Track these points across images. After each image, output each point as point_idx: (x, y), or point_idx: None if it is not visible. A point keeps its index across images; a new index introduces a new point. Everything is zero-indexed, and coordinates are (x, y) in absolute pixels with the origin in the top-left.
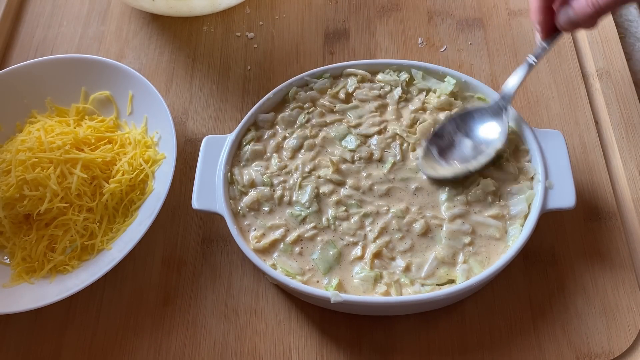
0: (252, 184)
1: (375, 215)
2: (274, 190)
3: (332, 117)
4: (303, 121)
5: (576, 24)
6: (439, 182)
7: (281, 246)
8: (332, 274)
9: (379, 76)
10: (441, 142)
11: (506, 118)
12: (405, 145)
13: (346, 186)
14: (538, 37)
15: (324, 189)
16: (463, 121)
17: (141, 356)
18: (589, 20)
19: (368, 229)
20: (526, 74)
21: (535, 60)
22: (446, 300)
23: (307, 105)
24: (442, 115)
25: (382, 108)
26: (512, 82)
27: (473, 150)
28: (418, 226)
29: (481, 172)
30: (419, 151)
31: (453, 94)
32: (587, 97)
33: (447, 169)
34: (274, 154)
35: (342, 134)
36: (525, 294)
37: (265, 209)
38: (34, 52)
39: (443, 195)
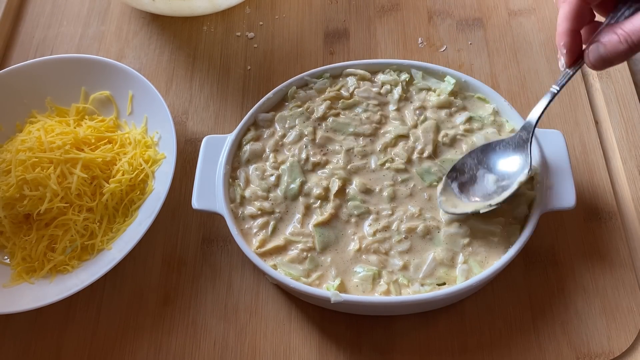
0: (255, 197)
1: (375, 215)
2: (272, 203)
3: (332, 112)
4: (302, 119)
5: (608, 62)
6: (437, 185)
7: (286, 256)
8: (328, 254)
9: (379, 76)
10: (461, 177)
11: (529, 150)
12: (407, 146)
13: (347, 184)
14: (562, 62)
15: (323, 184)
16: (484, 154)
17: (141, 356)
18: (622, 58)
19: (367, 223)
20: (549, 103)
21: (558, 89)
22: (446, 300)
23: (307, 104)
24: (443, 113)
25: (382, 106)
26: (536, 113)
27: (495, 185)
28: (417, 228)
29: None
30: (440, 186)
31: (453, 94)
32: (587, 97)
33: (468, 205)
34: (271, 154)
35: (342, 131)
36: (525, 294)
37: (271, 220)
38: (34, 52)
39: (441, 198)
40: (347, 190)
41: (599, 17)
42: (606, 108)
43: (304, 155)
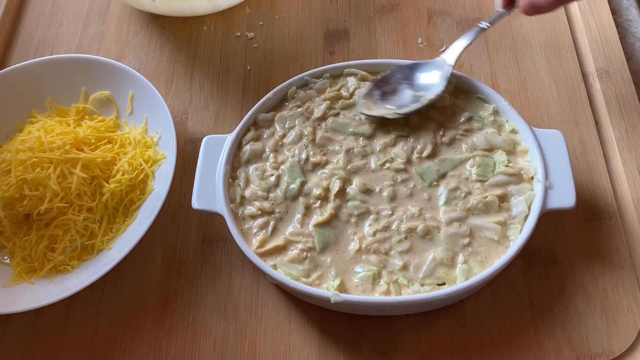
0: (255, 197)
1: (375, 215)
2: (272, 203)
3: (332, 113)
4: (302, 120)
5: (538, 9)
6: (437, 185)
7: (286, 256)
8: (327, 254)
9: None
10: (385, 87)
11: (445, 76)
12: (406, 146)
13: (347, 185)
14: (498, 2)
15: (323, 184)
16: (411, 71)
17: (141, 356)
18: (550, 8)
19: (367, 223)
20: (475, 37)
21: (489, 25)
22: (446, 300)
23: (307, 104)
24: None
25: None
26: (460, 43)
27: (411, 99)
28: (417, 228)
29: (484, 182)
30: (363, 90)
31: (454, 93)
32: (587, 97)
33: (380, 110)
34: (271, 154)
35: (341, 131)
36: (525, 294)
37: (271, 220)
38: (34, 52)
39: (442, 199)
40: (347, 191)
41: None
42: (606, 108)
43: (304, 156)
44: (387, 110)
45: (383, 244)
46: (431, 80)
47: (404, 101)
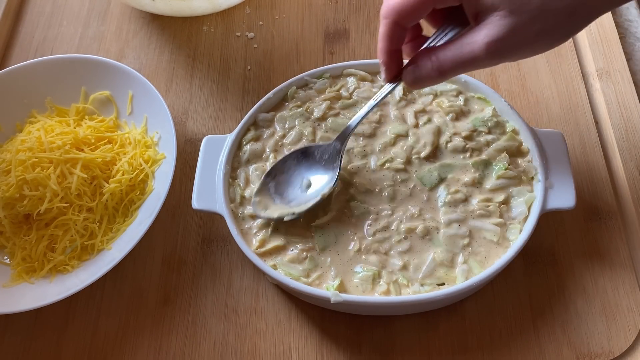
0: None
1: (374, 215)
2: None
3: (332, 113)
4: (302, 120)
5: (422, 85)
6: (437, 187)
7: (286, 256)
8: (327, 254)
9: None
10: (280, 176)
11: (339, 161)
12: (406, 145)
13: (347, 185)
14: (383, 76)
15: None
16: (304, 157)
17: (141, 356)
18: (435, 82)
19: (366, 224)
20: (366, 113)
21: (376, 102)
22: (446, 300)
23: (307, 104)
24: (448, 118)
25: (382, 106)
26: (352, 122)
27: (306, 191)
28: (416, 228)
29: (484, 187)
30: (256, 186)
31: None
32: (587, 97)
33: (275, 210)
34: (271, 154)
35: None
36: (525, 294)
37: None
38: (34, 52)
39: (441, 200)
40: (347, 190)
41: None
42: (606, 108)
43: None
44: (282, 209)
45: (383, 244)
46: (322, 170)
47: (299, 193)
